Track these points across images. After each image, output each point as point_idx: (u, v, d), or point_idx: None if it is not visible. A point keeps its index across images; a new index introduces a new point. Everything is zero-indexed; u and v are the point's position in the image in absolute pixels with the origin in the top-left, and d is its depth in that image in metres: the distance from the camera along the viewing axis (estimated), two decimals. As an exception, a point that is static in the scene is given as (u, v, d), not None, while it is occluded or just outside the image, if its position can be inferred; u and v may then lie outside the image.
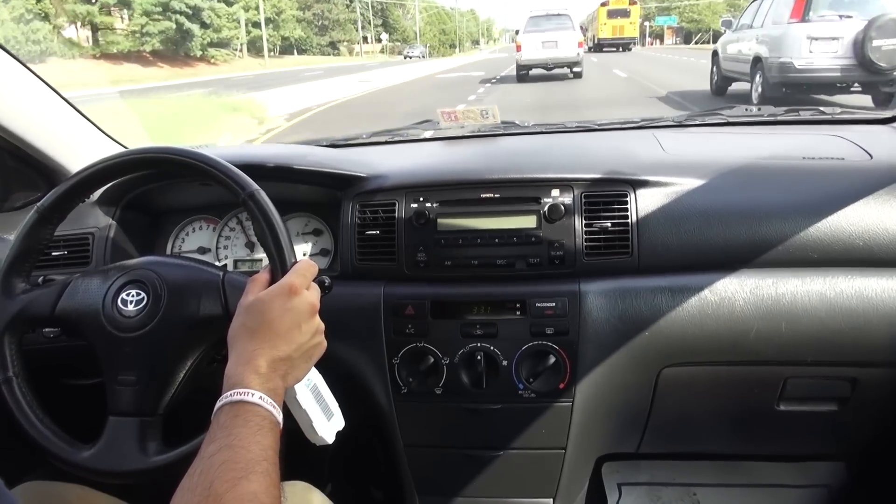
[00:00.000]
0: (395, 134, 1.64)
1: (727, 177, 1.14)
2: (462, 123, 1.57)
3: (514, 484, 1.24)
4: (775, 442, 1.35)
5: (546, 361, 1.10)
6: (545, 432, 1.17)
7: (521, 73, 14.14)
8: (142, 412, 0.86)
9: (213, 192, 1.00)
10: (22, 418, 0.86)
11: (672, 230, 1.10)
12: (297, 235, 1.33)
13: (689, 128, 1.59)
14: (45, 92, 1.27)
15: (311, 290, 0.80)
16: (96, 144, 1.40)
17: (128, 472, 0.84)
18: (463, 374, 1.13)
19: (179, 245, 1.38)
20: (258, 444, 0.65)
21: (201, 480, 0.60)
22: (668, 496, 1.55)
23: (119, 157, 0.92)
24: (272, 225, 0.84)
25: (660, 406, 1.21)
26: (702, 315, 1.08)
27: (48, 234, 0.93)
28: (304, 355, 0.77)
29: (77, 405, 1.11)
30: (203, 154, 0.89)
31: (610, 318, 1.10)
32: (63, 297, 0.90)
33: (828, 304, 1.06)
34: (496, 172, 1.16)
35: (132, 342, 0.87)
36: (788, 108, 1.60)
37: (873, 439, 1.32)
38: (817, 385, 1.18)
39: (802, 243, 1.07)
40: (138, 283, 0.90)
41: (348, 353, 1.16)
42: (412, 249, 1.14)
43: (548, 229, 1.11)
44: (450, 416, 1.18)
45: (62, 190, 0.91)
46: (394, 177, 1.20)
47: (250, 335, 0.74)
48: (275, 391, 0.71)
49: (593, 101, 10.34)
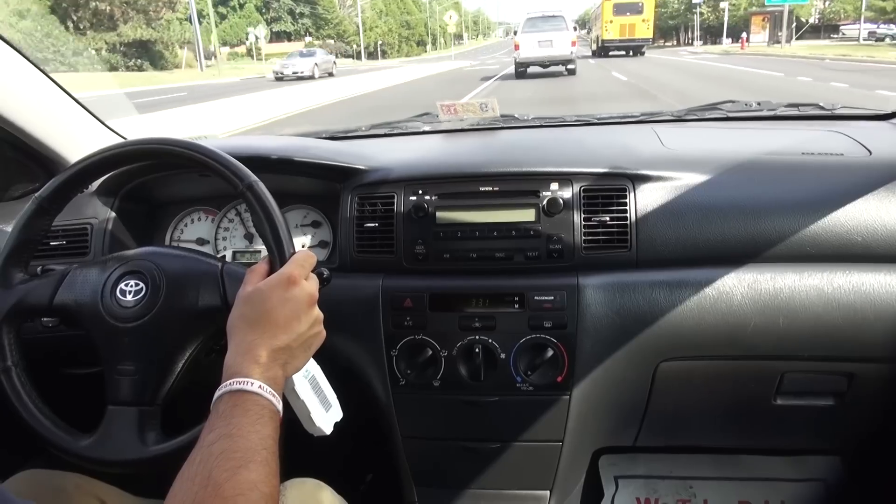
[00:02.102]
0: (394, 127, 1.64)
1: (726, 172, 1.14)
2: (461, 117, 1.57)
3: (511, 476, 1.25)
4: (772, 436, 1.35)
5: (544, 355, 1.11)
6: (542, 425, 1.17)
7: (520, 70, 15.23)
8: (141, 402, 0.86)
9: (212, 183, 1.00)
10: (21, 408, 0.87)
11: (671, 224, 1.10)
12: (296, 227, 1.33)
13: (688, 123, 1.59)
14: (44, 82, 1.27)
15: (309, 280, 0.81)
16: (95, 135, 1.40)
17: (126, 461, 0.85)
18: (461, 366, 1.14)
19: (178, 236, 1.38)
20: (257, 434, 0.65)
21: (200, 469, 0.61)
22: (664, 489, 1.56)
23: (118, 147, 0.92)
24: (270, 216, 0.85)
25: (657, 400, 1.22)
26: (700, 309, 1.08)
27: (46, 225, 0.93)
28: (304, 345, 0.78)
29: (76, 394, 1.12)
30: (201, 145, 0.89)
31: (608, 311, 1.10)
32: (61, 287, 0.90)
33: (825, 299, 1.07)
34: (495, 166, 1.16)
35: (131, 332, 0.87)
36: (788, 104, 1.59)
37: (869, 434, 1.33)
38: (814, 380, 1.18)
39: (801, 238, 1.07)
40: (137, 274, 0.90)
41: (347, 345, 1.17)
42: (411, 242, 1.14)
43: (546, 223, 1.11)
44: (448, 408, 1.19)
45: (61, 180, 0.91)
46: (393, 169, 1.20)
47: (249, 325, 0.74)
48: (274, 380, 0.71)
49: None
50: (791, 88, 12.04)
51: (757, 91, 11.55)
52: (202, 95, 17.46)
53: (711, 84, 13.76)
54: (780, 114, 1.57)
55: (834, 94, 10.68)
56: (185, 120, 11.86)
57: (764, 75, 15.35)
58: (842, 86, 11.82)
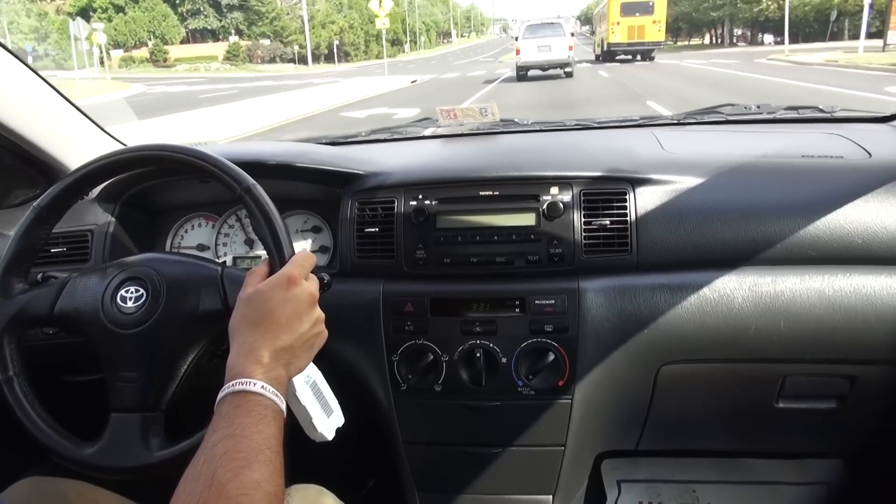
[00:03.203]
0: (394, 132, 1.64)
1: (726, 175, 1.14)
2: (461, 121, 1.58)
3: (513, 481, 1.25)
4: (774, 439, 1.35)
5: (545, 359, 1.10)
6: (544, 429, 1.17)
7: (521, 74, 16.34)
8: (144, 408, 0.86)
9: (213, 189, 1.00)
10: (24, 417, 0.86)
11: (671, 228, 1.10)
12: (297, 232, 1.33)
13: (688, 126, 1.59)
14: (44, 89, 1.27)
15: (310, 280, 0.81)
16: (95, 141, 1.40)
17: (131, 467, 0.84)
18: (462, 371, 1.14)
19: (178, 242, 1.38)
20: (261, 434, 0.65)
21: (204, 470, 0.61)
22: (667, 493, 1.55)
23: (117, 154, 0.92)
24: (269, 218, 0.85)
25: (659, 403, 1.22)
26: (701, 313, 1.08)
27: (46, 233, 0.93)
28: (306, 344, 0.77)
29: (78, 402, 1.12)
30: (200, 151, 0.89)
31: (609, 315, 1.10)
32: (62, 295, 0.90)
33: (826, 301, 1.06)
34: (495, 170, 1.16)
35: (132, 339, 0.87)
36: (787, 107, 1.60)
37: (871, 437, 1.33)
38: (816, 383, 1.18)
39: (801, 241, 1.07)
40: (137, 280, 0.90)
41: (348, 350, 1.16)
42: (411, 247, 1.14)
43: (547, 227, 1.11)
44: (449, 413, 1.18)
45: (60, 188, 0.91)
46: (393, 174, 1.20)
47: (251, 326, 0.74)
48: (277, 380, 0.71)
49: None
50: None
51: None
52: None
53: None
54: (779, 117, 1.57)
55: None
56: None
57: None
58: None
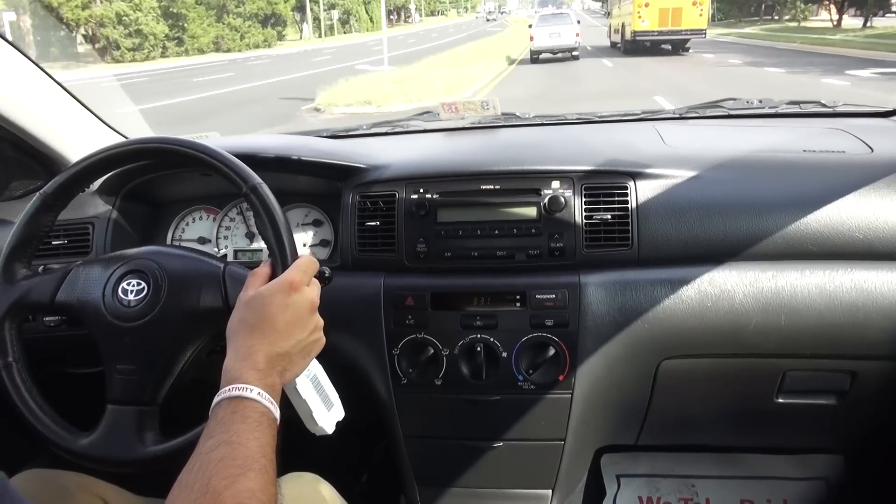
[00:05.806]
0: (395, 125, 1.64)
1: (728, 169, 1.14)
2: (462, 115, 1.57)
3: (513, 475, 1.25)
4: (774, 434, 1.35)
5: (546, 353, 1.10)
6: (544, 424, 1.17)
7: (535, 57, 18.67)
8: (140, 401, 0.86)
9: (214, 182, 1.00)
10: (21, 404, 0.86)
11: (672, 222, 1.09)
12: (298, 226, 1.33)
13: (689, 120, 1.59)
14: (45, 81, 1.26)
15: (311, 287, 0.80)
16: (95, 134, 1.39)
17: (124, 460, 0.85)
18: (463, 365, 1.14)
19: (179, 235, 1.38)
20: (256, 441, 0.65)
21: (199, 476, 0.60)
22: (666, 488, 1.55)
23: (122, 146, 0.92)
24: (274, 220, 0.84)
25: (659, 398, 1.22)
26: (701, 307, 1.08)
27: (50, 221, 0.93)
28: (303, 352, 0.78)
29: (77, 393, 1.12)
30: (205, 145, 0.89)
31: (610, 309, 1.10)
32: (63, 285, 0.90)
33: (827, 296, 1.06)
34: (496, 164, 1.16)
35: (132, 332, 0.87)
36: (789, 101, 1.59)
37: (871, 432, 1.33)
38: (816, 378, 1.18)
39: (802, 236, 1.07)
40: (139, 273, 0.90)
41: (348, 343, 1.16)
42: (412, 240, 1.14)
43: (548, 221, 1.11)
44: (450, 407, 1.18)
45: (65, 177, 0.91)
46: (394, 168, 1.19)
47: (249, 330, 0.74)
48: (272, 387, 0.71)
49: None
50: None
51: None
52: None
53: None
54: (781, 111, 1.56)
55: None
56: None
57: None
58: None
